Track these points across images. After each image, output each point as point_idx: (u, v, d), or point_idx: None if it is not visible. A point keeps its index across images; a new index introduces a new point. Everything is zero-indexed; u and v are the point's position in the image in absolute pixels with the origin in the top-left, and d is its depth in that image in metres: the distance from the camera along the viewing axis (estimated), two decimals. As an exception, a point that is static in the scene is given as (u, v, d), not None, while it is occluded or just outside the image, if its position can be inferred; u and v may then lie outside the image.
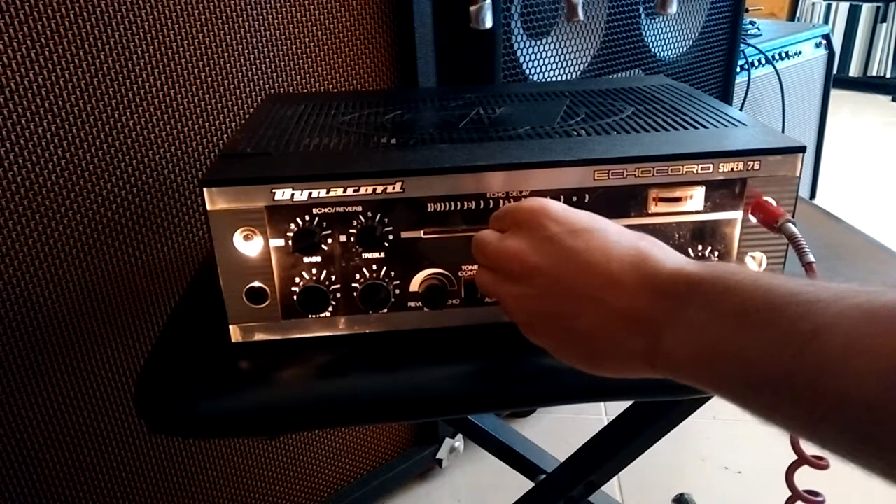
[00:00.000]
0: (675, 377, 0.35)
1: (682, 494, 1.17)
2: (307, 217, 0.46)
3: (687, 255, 0.49)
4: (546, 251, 0.39)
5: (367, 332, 0.50)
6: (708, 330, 0.33)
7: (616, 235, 0.39)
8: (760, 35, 1.77)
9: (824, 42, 1.91)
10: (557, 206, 0.41)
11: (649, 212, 0.48)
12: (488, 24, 0.85)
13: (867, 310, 0.28)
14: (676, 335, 0.34)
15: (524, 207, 0.42)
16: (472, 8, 0.84)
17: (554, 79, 1.02)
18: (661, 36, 1.17)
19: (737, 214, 0.49)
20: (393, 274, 0.48)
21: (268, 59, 0.82)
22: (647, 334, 0.35)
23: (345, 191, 0.46)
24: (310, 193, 0.46)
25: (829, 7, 3.73)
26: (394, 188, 0.46)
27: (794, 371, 0.29)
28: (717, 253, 0.50)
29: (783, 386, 0.29)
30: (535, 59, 0.98)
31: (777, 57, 1.72)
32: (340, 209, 0.46)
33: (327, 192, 0.46)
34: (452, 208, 0.47)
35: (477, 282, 0.45)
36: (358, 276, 0.48)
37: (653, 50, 1.16)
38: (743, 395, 0.32)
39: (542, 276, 0.39)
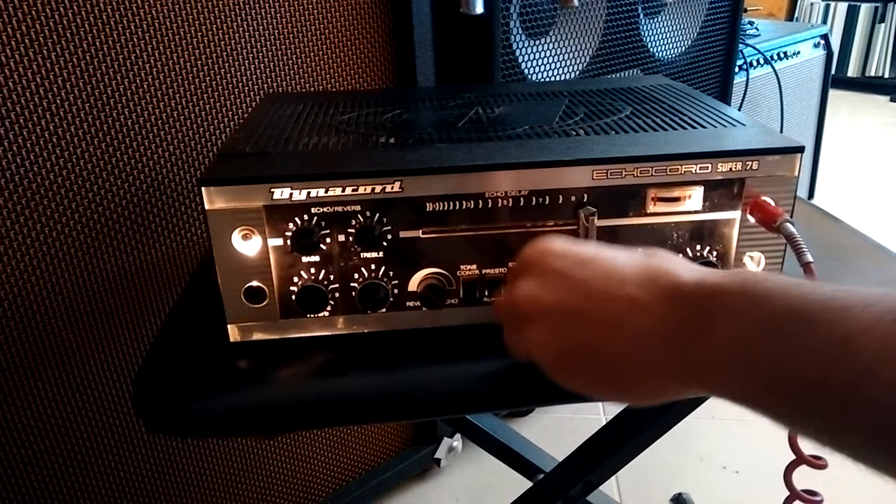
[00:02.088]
0: (706, 392, 0.34)
1: (680, 494, 1.17)
2: (306, 216, 0.46)
3: (685, 255, 0.49)
4: (557, 286, 0.38)
5: (366, 331, 0.50)
6: (738, 342, 0.31)
7: (625, 258, 0.38)
8: (759, 35, 1.77)
9: (823, 42, 1.91)
10: (559, 242, 0.40)
11: (648, 212, 0.48)
12: (479, 9, 0.83)
13: None
14: (706, 349, 0.32)
15: (526, 251, 0.41)
16: (462, -7, 0.82)
17: (553, 78, 1.02)
18: (660, 36, 1.17)
19: (735, 214, 0.49)
20: (391, 273, 0.48)
21: (266, 59, 0.82)
22: (676, 351, 0.34)
23: (343, 190, 0.46)
24: (308, 193, 0.46)
25: (827, 7, 3.73)
26: (392, 188, 0.46)
27: (825, 379, 0.28)
28: (715, 253, 0.50)
29: (815, 395, 0.28)
30: (534, 58, 0.98)
31: (775, 57, 1.73)
32: (339, 209, 0.46)
33: (326, 192, 0.46)
34: (451, 208, 0.47)
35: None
36: (356, 276, 0.48)
37: (651, 50, 1.16)
38: (775, 406, 0.31)
39: (558, 312, 0.38)
